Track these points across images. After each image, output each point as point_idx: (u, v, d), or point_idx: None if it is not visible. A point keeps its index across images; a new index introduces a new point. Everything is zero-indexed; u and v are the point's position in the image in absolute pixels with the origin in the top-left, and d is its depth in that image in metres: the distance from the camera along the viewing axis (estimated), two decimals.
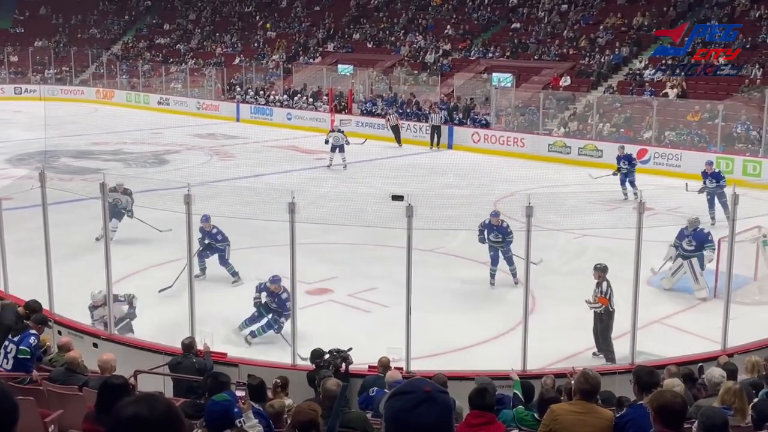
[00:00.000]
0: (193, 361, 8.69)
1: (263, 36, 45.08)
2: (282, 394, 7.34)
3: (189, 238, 9.67)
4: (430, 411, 2.23)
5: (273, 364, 9.42)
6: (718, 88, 27.87)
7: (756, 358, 7.58)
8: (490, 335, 11.62)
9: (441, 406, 2.23)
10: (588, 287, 13.82)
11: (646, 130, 26.28)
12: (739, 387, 5.53)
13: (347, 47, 40.45)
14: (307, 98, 35.74)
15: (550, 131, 28.28)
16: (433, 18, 39.76)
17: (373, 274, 13.89)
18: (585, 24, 34.34)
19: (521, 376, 8.43)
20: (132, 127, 32.60)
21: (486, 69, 33.43)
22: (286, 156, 27.08)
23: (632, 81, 30.01)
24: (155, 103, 40.66)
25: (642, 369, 5.65)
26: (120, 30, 52.25)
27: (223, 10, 50.01)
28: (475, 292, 13.57)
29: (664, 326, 12.05)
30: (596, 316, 10.84)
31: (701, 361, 9.13)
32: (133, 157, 26.49)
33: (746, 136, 24.72)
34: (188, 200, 9.46)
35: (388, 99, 33.62)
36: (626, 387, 6.25)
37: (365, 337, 11.08)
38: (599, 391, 4.48)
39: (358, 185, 21.84)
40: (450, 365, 9.79)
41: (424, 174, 23.36)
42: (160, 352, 9.71)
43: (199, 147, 29.05)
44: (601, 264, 11.24)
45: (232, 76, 40.43)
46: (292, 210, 9.21)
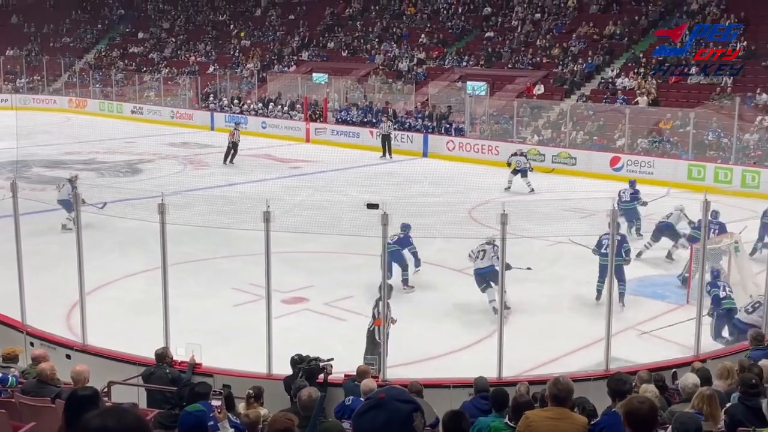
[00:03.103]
0: (166, 372, 8.62)
1: (237, 45, 44.97)
2: (256, 404, 7.30)
3: (163, 247, 9.60)
4: (376, 417, 2.32)
5: (248, 374, 9.37)
6: (690, 96, 28.20)
7: (728, 363, 7.65)
8: (466, 343, 11.65)
9: (389, 413, 2.31)
10: (564, 294, 13.96)
11: (619, 137, 26.51)
12: (710, 392, 5.58)
13: (322, 56, 40.46)
14: (282, 107, 35.69)
15: (524, 139, 28.45)
16: (407, 27, 39.89)
17: (348, 283, 13.88)
18: (558, 33, 34.61)
19: (496, 383, 8.46)
20: (105, 137, 32.34)
21: (460, 77, 33.58)
22: (260, 165, 27.01)
23: (605, 89, 30.28)
24: (129, 112, 40.42)
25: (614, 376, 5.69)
26: (93, 39, 51.90)
27: (197, 18, 49.83)
28: (450, 299, 13.58)
29: (638, 332, 12.13)
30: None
31: (674, 367, 9.19)
32: (106, 167, 26.29)
33: (717, 143, 25.02)
34: (162, 210, 9.40)
35: (365, 107, 33.66)
36: (601, 393, 6.29)
37: (341, 346, 11.05)
38: (571, 397, 4.50)
39: (333, 194, 21.84)
40: (426, 373, 9.80)
41: (399, 182, 23.39)
42: (134, 363, 9.62)
43: (173, 156, 28.90)
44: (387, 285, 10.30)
45: (207, 85, 40.30)
46: (267, 219, 9.18)
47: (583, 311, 12.93)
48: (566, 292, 14.04)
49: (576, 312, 13.04)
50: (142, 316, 11.88)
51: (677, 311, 12.99)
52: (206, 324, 12.03)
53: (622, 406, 4.17)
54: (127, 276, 14.31)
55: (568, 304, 13.45)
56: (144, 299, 12.41)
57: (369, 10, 42.88)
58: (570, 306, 13.37)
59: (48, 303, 12.20)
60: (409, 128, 30.84)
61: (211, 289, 13.84)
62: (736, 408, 5.80)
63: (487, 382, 7.53)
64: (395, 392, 2.30)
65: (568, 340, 11.73)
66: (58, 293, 12.51)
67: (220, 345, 11.03)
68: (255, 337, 10.17)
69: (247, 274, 13.17)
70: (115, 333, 11.25)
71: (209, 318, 12.43)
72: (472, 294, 13.63)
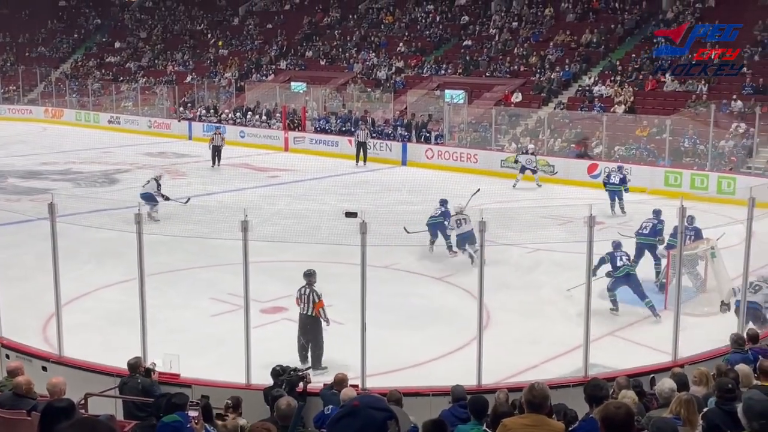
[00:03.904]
0: (138, 381, 8.57)
1: (215, 54, 44.88)
2: (234, 414, 7.25)
3: (140, 258, 9.54)
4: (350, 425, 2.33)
5: (227, 384, 9.31)
6: (666, 104, 28.45)
7: (704, 368, 7.70)
8: (445, 350, 11.64)
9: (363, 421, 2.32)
10: (543, 301, 14.00)
11: (597, 145, 26.67)
12: (688, 397, 5.61)
13: (300, 65, 40.45)
14: (261, 116, 35.62)
15: (502, 147, 28.56)
16: (385, 35, 39.98)
17: (327, 292, 13.77)
18: (535, 41, 34.83)
19: (476, 391, 8.47)
20: (82, 147, 32.13)
21: (439, 86, 33.69)
22: (239, 174, 26.92)
23: (582, 97, 30.48)
24: (105, 121, 40.17)
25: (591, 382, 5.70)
26: (69, 48, 51.61)
27: (174, 28, 49.70)
28: (429, 307, 13.59)
29: (617, 339, 12.19)
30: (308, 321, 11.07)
31: (653, 372, 9.24)
32: (83, 177, 26.10)
33: (693, 150, 25.24)
34: (139, 219, 9.34)
35: (343, 116, 33.67)
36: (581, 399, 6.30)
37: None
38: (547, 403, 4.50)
39: (312, 203, 21.80)
40: (405, 381, 9.78)
41: (378, 191, 23.41)
42: (111, 374, 9.54)
43: (150, 166, 28.71)
44: (309, 269, 11.29)
45: (184, 94, 40.15)
46: (245, 228, 9.14)
47: (563, 318, 12.97)
48: (545, 299, 14.08)
49: (555, 319, 13.07)
50: (119, 327, 11.79)
51: (654, 317, 13.06)
52: (184, 334, 11.96)
53: (599, 411, 4.17)
54: (103, 287, 14.19)
55: (548, 311, 13.48)
56: (121, 310, 12.31)
57: (347, 18, 42.96)
58: (549, 313, 13.41)
59: (24, 314, 12.07)
60: (388, 137, 30.90)
61: (189, 299, 13.77)
62: (714, 413, 5.83)
63: (464, 390, 7.53)
64: (370, 400, 2.29)
65: (548, 347, 11.77)
66: (33, 304, 12.39)
67: (198, 355, 10.96)
68: (233, 347, 10.12)
69: (226, 284, 13.10)
70: (92, 344, 11.16)
71: (187, 328, 12.35)
72: (452, 301, 13.65)
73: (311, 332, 11.08)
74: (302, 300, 11.09)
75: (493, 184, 24.18)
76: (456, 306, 13.21)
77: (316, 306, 10.96)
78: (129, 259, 10.32)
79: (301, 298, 11.13)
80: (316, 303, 10.97)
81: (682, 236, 10.92)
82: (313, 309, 10.98)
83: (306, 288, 11.10)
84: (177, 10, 51.29)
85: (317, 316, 11.01)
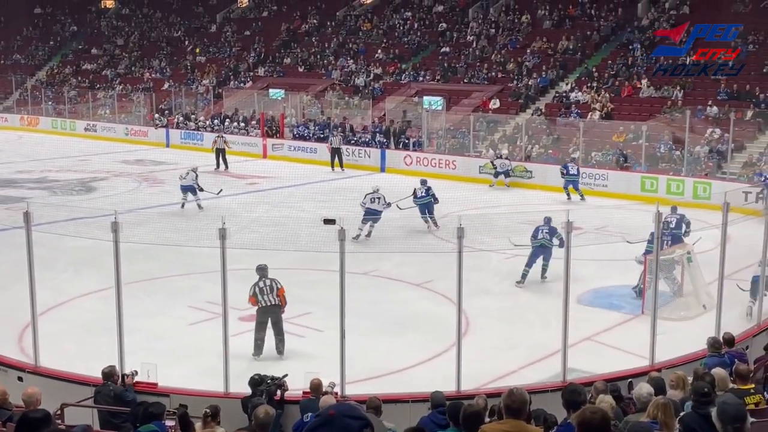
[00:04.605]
0: (111, 389, 8.53)
1: (192, 61, 44.73)
2: (213, 423, 7.21)
3: (117, 266, 9.47)
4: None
5: (205, 393, 9.26)
6: (642, 110, 28.68)
7: (681, 372, 7.75)
8: (425, 357, 11.64)
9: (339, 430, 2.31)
10: (521, 306, 14.05)
11: (574, 150, 26.82)
12: (664, 401, 5.64)
13: (278, 72, 40.41)
14: (239, 123, 35.52)
15: (480, 153, 28.66)
16: (363, 42, 40.04)
17: (307, 299, 13.79)
18: (512, 48, 35.01)
19: (456, 397, 8.47)
20: (58, 155, 31.89)
21: (417, 92, 33.78)
22: (217, 181, 26.79)
23: (559, 103, 30.66)
24: (82, 129, 39.91)
25: (569, 387, 5.72)
26: (45, 56, 51.27)
27: (151, 35, 49.51)
28: (409, 314, 13.59)
29: (595, 343, 12.25)
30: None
31: (631, 376, 9.30)
32: (59, 185, 25.90)
33: (669, 155, 25.44)
34: (115, 228, 9.27)
35: (322, 123, 33.65)
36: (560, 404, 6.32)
37: (300, 363, 10.97)
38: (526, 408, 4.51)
39: (290, 210, 21.76)
40: (385, 388, 9.77)
41: (357, 197, 23.35)
42: (88, 384, 9.45)
43: (127, 174, 28.59)
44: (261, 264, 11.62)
45: (162, 102, 39.96)
46: (222, 236, 9.10)
47: (541, 323, 13.02)
48: (523, 305, 14.13)
49: (534, 324, 13.13)
50: (96, 336, 11.68)
51: (632, 321, 13.16)
52: (162, 343, 11.89)
53: (576, 416, 4.19)
54: (80, 296, 14.09)
55: (526, 316, 13.53)
56: (98, 319, 12.20)
57: (325, 25, 42.99)
58: (528, 318, 13.46)
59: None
60: (366, 144, 30.93)
61: (167, 308, 13.69)
62: (690, 416, 5.86)
63: (443, 396, 7.53)
64: (345, 408, 2.29)
65: (527, 352, 11.80)
66: (9, 314, 12.26)
67: (176, 364, 10.90)
68: (212, 355, 10.07)
69: (204, 292, 13.04)
70: (69, 354, 11.06)
71: (165, 337, 12.28)
72: (431, 308, 13.67)
73: (276, 321, 11.44)
74: (263, 293, 11.30)
75: (472, 191, 24.30)
76: (435, 312, 13.22)
77: (280, 292, 11.33)
78: (106, 268, 10.26)
79: (261, 292, 11.32)
80: (279, 289, 11.34)
81: (658, 241, 11.00)
82: (277, 296, 11.32)
83: (264, 280, 11.37)
84: (154, 17, 51.10)
85: (281, 303, 11.38)
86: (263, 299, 11.35)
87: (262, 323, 11.43)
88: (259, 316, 11.41)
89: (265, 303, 11.34)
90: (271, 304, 11.35)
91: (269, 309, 11.37)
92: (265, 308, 11.37)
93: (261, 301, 11.36)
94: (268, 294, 11.34)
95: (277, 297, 11.35)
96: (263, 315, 11.40)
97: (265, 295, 11.34)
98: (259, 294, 11.35)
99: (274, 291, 11.34)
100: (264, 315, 11.40)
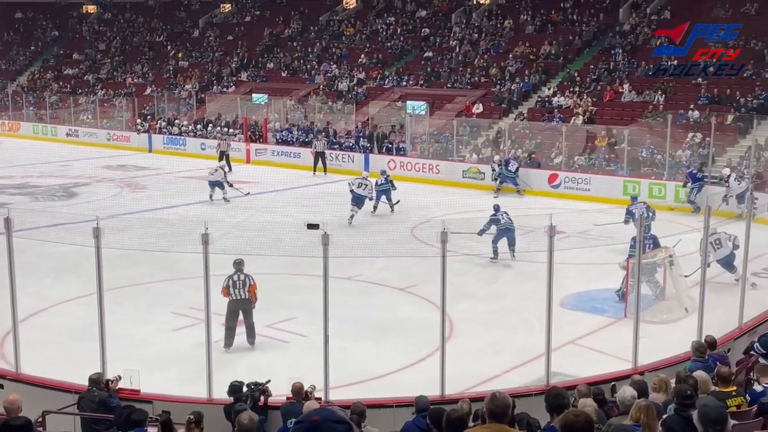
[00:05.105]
0: (95, 395, 8.47)
1: (175, 65, 44.58)
2: (196, 430, 7.18)
3: (98, 272, 9.41)
4: None
5: (188, 399, 9.22)
6: (624, 114, 28.83)
7: (663, 375, 7.78)
8: (409, 361, 11.64)
9: None
10: (505, 310, 14.08)
11: (557, 155, 26.93)
12: (646, 404, 5.66)
13: (261, 76, 40.35)
14: (221, 128, 35.42)
15: (463, 158, 28.72)
16: (346, 47, 40.06)
17: (291, 304, 13.78)
18: (495, 53, 35.13)
19: (439, 401, 8.48)
20: (39, 160, 31.70)
21: (400, 97, 33.81)
22: (200, 186, 26.70)
23: (542, 108, 30.78)
24: (64, 134, 39.68)
25: (552, 391, 5.74)
26: (26, 61, 50.97)
27: (134, 39, 49.32)
28: (392, 318, 13.59)
29: (578, 347, 12.29)
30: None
31: (614, 380, 9.33)
32: (41, 191, 25.74)
33: (651, 159, 25.59)
34: (97, 233, 9.21)
35: (305, 127, 33.62)
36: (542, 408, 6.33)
37: (284, 368, 10.94)
38: (509, 412, 4.51)
39: (274, 215, 21.71)
40: (369, 393, 9.77)
41: (341, 202, 23.35)
42: (70, 391, 9.38)
43: (109, 179, 28.45)
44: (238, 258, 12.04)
45: (144, 107, 39.79)
46: (205, 241, 9.06)
47: (525, 327, 13.05)
48: (508, 309, 14.16)
49: (518, 328, 13.15)
50: (78, 342, 11.61)
51: (615, 325, 13.21)
52: (145, 349, 11.84)
53: (559, 420, 4.20)
54: (62, 302, 14.00)
55: (510, 321, 13.55)
56: (80, 325, 12.12)
57: (308, 30, 42.98)
58: (512, 322, 13.48)
59: None
60: (350, 148, 30.91)
61: (150, 314, 13.62)
62: (673, 419, 5.90)
63: (427, 400, 7.53)
64: (328, 414, 2.28)
65: (510, 356, 11.84)
66: None
67: (159, 370, 10.85)
68: (195, 361, 10.03)
69: (187, 298, 12.99)
70: (51, 361, 10.98)
71: (148, 343, 12.22)
72: (415, 312, 13.67)
73: (247, 313, 11.95)
74: (236, 286, 11.78)
75: (455, 195, 24.31)
76: (419, 316, 13.22)
77: (251, 288, 11.84)
78: (88, 274, 10.20)
79: (234, 285, 11.77)
80: (251, 285, 11.85)
81: (640, 245, 11.07)
82: (249, 292, 11.83)
83: (238, 275, 11.85)
84: (136, 22, 50.92)
85: (251, 299, 11.90)
86: (234, 292, 11.78)
87: (233, 313, 11.86)
88: (230, 307, 11.80)
89: (236, 296, 11.78)
90: (241, 298, 11.80)
91: (239, 302, 11.83)
92: (235, 301, 11.80)
93: (232, 294, 11.77)
94: (240, 288, 11.80)
95: (248, 292, 11.82)
96: (234, 306, 11.83)
97: (236, 289, 11.79)
98: (231, 287, 11.77)
99: (246, 286, 11.82)
100: (234, 306, 11.83)
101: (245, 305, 11.94)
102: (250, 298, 11.92)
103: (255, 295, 11.94)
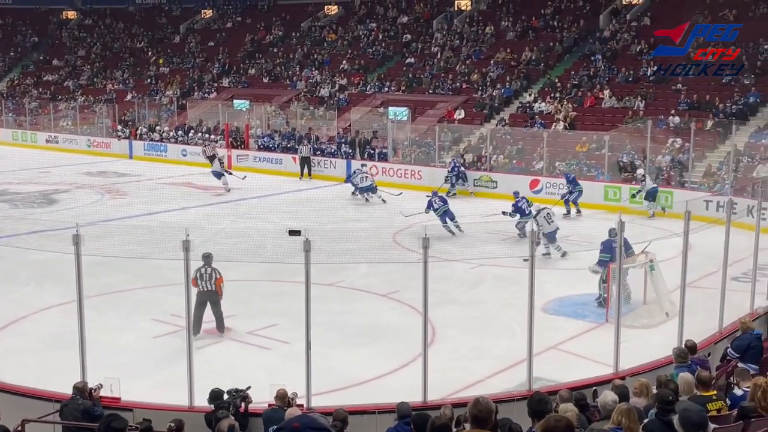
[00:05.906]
0: (79, 403, 8.39)
1: (156, 72, 44.42)
2: None
3: (78, 279, 9.34)
4: None
5: (169, 407, 9.15)
6: (604, 120, 29.01)
7: (644, 380, 7.82)
8: (391, 367, 11.62)
9: None
10: (487, 316, 14.10)
11: (538, 161, 27.04)
12: (628, 407, 5.69)
13: (243, 82, 40.28)
14: (203, 134, 35.31)
15: (445, 163, 28.76)
16: (328, 53, 40.08)
17: (272, 311, 13.75)
18: (477, 59, 35.26)
19: (422, 407, 8.47)
20: (18, 167, 31.44)
21: (382, 103, 33.87)
22: (181, 193, 26.61)
23: (523, 113, 30.91)
24: (43, 141, 39.38)
25: (535, 396, 5.75)
26: (5, 67, 50.62)
27: (114, 45, 49.11)
28: (374, 324, 13.58)
29: (560, 352, 12.32)
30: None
31: (595, 384, 9.35)
32: (20, 198, 25.52)
33: (631, 165, 25.73)
34: (77, 240, 9.14)
35: (287, 133, 33.57)
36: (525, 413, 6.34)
37: (266, 375, 10.90)
38: (492, 417, 4.52)
39: (256, 221, 21.66)
40: (351, 399, 9.75)
41: (323, 208, 23.37)
42: (50, 399, 9.29)
43: (89, 186, 28.27)
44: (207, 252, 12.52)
45: (125, 113, 39.61)
46: (186, 248, 9.01)
47: (507, 332, 13.07)
48: (489, 314, 14.18)
49: (500, 333, 13.17)
50: (58, 350, 11.52)
51: (597, 330, 13.27)
52: (126, 357, 11.74)
53: (540, 425, 4.21)
54: (42, 309, 13.88)
55: (492, 326, 13.57)
56: (60, 333, 12.02)
57: (290, 36, 42.96)
58: (494, 327, 13.50)
59: None
60: (332, 154, 30.93)
61: (131, 321, 13.53)
62: (654, 424, 5.93)
63: (409, 407, 7.51)
64: (308, 421, 2.28)
65: (493, 361, 11.84)
66: None
67: (140, 378, 10.77)
68: (176, 368, 9.97)
69: (168, 305, 12.92)
70: (30, 368, 10.90)
71: (129, 350, 12.13)
72: (397, 318, 13.66)
73: (215, 304, 12.55)
74: (203, 278, 12.34)
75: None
76: (401, 322, 13.22)
77: (218, 281, 12.41)
78: (68, 281, 10.11)
79: (201, 277, 12.31)
80: (218, 279, 12.41)
81: (621, 250, 11.11)
82: (215, 284, 12.40)
83: (206, 268, 12.36)
84: (116, 28, 50.70)
85: (217, 291, 12.46)
86: (202, 284, 12.34)
87: (201, 304, 12.33)
88: (198, 298, 12.18)
89: (204, 288, 12.37)
90: (208, 290, 12.40)
91: (206, 294, 12.42)
92: (202, 293, 12.35)
93: (200, 285, 12.31)
94: (207, 281, 12.37)
95: (214, 285, 12.40)
96: (201, 298, 12.33)
97: (204, 281, 12.35)
98: (199, 279, 12.28)
99: (212, 279, 12.38)
100: (202, 298, 12.35)
101: (212, 296, 12.47)
102: (216, 290, 12.46)
103: (221, 288, 12.51)
